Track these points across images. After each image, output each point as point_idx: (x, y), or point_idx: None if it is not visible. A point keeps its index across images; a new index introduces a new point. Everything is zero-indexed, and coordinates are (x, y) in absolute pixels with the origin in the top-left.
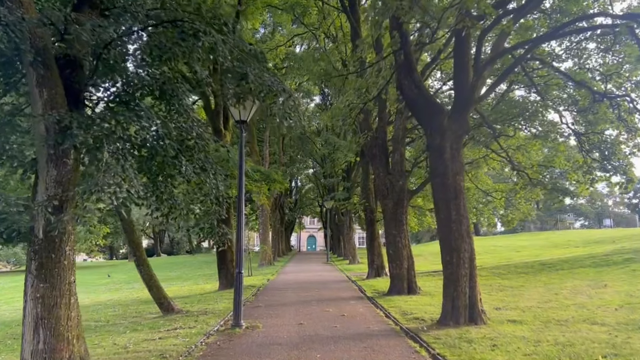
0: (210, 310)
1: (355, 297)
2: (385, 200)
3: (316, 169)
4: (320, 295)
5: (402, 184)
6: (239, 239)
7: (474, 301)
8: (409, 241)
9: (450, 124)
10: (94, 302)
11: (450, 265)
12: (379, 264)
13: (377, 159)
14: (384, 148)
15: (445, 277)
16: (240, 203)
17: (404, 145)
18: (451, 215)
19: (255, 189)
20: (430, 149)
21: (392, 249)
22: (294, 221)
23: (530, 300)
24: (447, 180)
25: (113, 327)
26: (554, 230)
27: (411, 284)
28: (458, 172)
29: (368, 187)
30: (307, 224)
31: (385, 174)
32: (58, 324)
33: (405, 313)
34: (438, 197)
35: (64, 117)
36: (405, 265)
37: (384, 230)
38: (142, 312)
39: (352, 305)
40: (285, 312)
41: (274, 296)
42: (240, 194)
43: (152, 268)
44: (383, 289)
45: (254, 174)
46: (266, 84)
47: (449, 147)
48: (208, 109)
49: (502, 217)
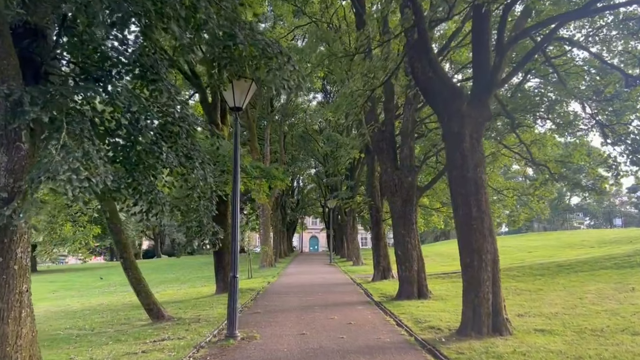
0: (204, 317)
1: (361, 301)
2: (393, 197)
3: (318, 169)
4: (324, 300)
5: (412, 180)
6: (234, 239)
7: (498, 308)
8: (418, 241)
9: (469, 110)
10: (84, 306)
11: (471, 268)
12: (385, 266)
13: (384, 153)
14: (392, 142)
15: (466, 281)
16: (235, 199)
17: (413, 138)
18: (471, 212)
19: (255, 186)
20: (447, 138)
21: (400, 249)
22: (296, 221)
23: (553, 306)
24: (466, 173)
25: (96, 337)
26: (562, 230)
27: (422, 288)
28: (478, 163)
29: (373, 185)
30: (310, 225)
31: (394, 169)
32: (4, 343)
33: (418, 321)
34: (456, 192)
35: (14, 91)
36: (415, 267)
37: (392, 230)
38: (131, 318)
39: (359, 312)
40: (285, 320)
41: (274, 301)
42: (235, 189)
43: (150, 270)
44: (391, 292)
45: (252, 171)
46: (259, 45)
47: (468, 136)
48: (205, 103)
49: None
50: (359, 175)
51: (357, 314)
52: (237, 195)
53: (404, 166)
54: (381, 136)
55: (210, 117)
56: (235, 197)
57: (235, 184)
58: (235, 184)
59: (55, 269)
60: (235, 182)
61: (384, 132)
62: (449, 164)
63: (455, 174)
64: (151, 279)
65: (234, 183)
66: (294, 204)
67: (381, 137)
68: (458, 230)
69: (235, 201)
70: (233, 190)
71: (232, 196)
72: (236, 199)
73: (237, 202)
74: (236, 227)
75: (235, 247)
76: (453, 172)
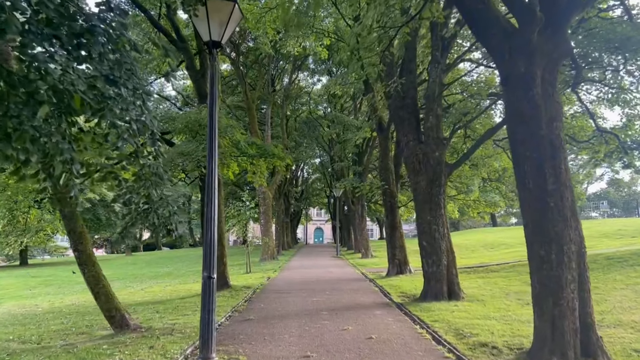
0: (180, 326)
1: (379, 303)
2: (416, 177)
3: (323, 158)
4: (333, 302)
5: (439, 155)
6: (207, 229)
7: (588, 322)
8: (448, 230)
9: (541, 42)
10: (52, 307)
11: (547, 263)
12: (402, 259)
13: (405, 123)
14: (414, 109)
15: (539, 283)
16: (210, 177)
17: (441, 105)
18: (546, 185)
19: (251, 167)
20: (509, 83)
21: (426, 240)
22: (300, 212)
23: (629, 311)
24: (537, 130)
25: (34, 354)
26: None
27: (453, 287)
28: (554, 116)
29: (387, 167)
30: (314, 216)
31: (417, 142)
32: None
33: (461, 334)
34: (522, 156)
35: None
36: (445, 261)
37: (416, 217)
38: (94, 326)
39: (378, 318)
40: (284, 331)
41: (273, 302)
42: (210, 160)
43: (144, 263)
44: (412, 291)
45: (247, 148)
46: None
47: (540, 78)
48: (192, 70)
49: None
50: (367, 160)
51: (377, 322)
52: (213, 172)
53: (429, 138)
54: (401, 103)
55: (198, 86)
56: (212, 174)
57: (211, 155)
58: (211, 154)
59: (48, 262)
60: (211, 152)
61: (404, 98)
62: (511, 118)
63: (521, 132)
64: (143, 273)
65: (209, 153)
66: (298, 194)
67: (401, 104)
68: (525, 211)
69: (210, 179)
70: (208, 161)
71: (208, 172)
72: (212, 176)
73: (213, 179)
74: (212, 213)
75: (210, 239)
76: (517, 130)
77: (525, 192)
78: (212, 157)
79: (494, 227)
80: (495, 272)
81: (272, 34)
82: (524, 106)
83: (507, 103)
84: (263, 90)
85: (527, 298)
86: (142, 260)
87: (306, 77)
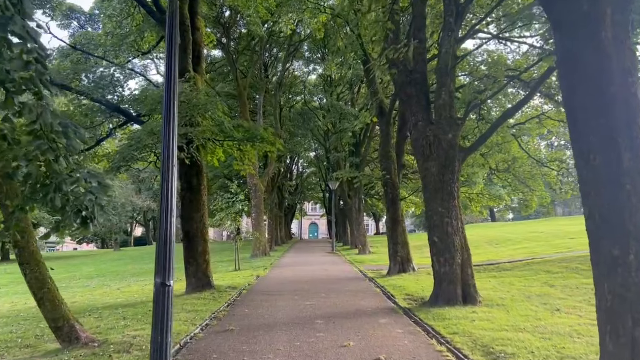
0: (142, 340)
1: (383, 309)
2: (426, 162)
3: (318, 151)
4: (330, 306)
5: (452, 137)
6: (164, 221)
7: None
8: (462, 223)
9: None
10: (12, 309)
11: (623, 266)
12: (404, 256)
13: (413, 101)
14: (424, 85)
15: (611, 293)
16: (168, 149)
17: (454, 80)
18: (620, 160)
19: (238, 154)
20: (563, 26)
21: (437, 234)
22: (294, 206)
23: None
24: (607, 86)
25: None
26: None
27: (468, 289)
28: (629, 68)
29: (388, 155)
30: (309, 211)
31: (427, 123)
32: None
33: (492, 352)
34: (583, 122)
35: None
36: (459, 259)
37: (425, 208)
38: (46, 335)
39: (384, 329)
40: (269, 349)
41: (259, 307)
42: (168, 130)
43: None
44: (419, 292)
45: (232, 131)
46: None
47: (609, 19)
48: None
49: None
50: (365, 151)
51: (384, 334)
52: (172, 144)
53: (441, 118)
54: (408, 78)
55: (179, 62)
56: (169, 151)
57: (168, 122)
58: (169, 121)
59: None
60: (169, 118)
61: (412, 72)
62: (568, 74)
63: (583, 91)
64: (126, 269)
65: (167, 122)
66: (292, 188)
67: (408, 80)
68: (588, 197)
69: (169, 156)
70: (164, 135)
71: (164, 148)
72: (170, 153)
73: (172, 154)
74: (169, 202)
75: (166, 235)
76: (577, 88)
77: (588, 172)
78: (169, 128)
79: (493, 222)
80: (508, 271)
81: (264, 13)
82: (588, 55)
83: (562, 54)
84: (255, 77)
85: (554, 302)
86: (128, 255)
87: (301, 66)
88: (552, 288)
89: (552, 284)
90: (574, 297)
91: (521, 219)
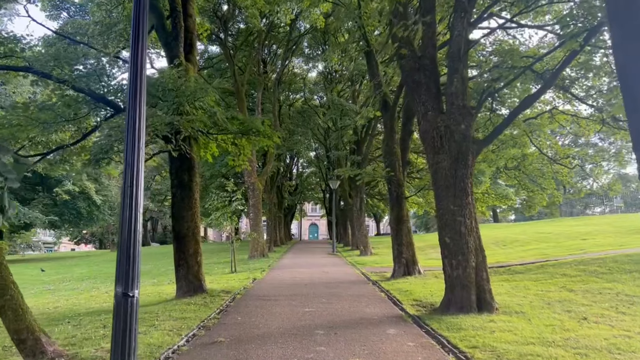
0: None
1: (390, 317)
2: (437, 156)
3: (318, 151)
4: (331, 314)
5: (466, 128)
6: (127, 221)
7: None
8: (476, 222)
9: None
10: None
11: None
12: (409, 258)
13: (422, 89)
14: (434, 72)
15: None
16: (134, 121)
17: (467, 65)
18: None
19: (232, 148)
20: None
21: (449, 235)
22: (294, 207)
23: None
24: None
25: None
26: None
27: (483, 294)
28: None
29: (393, 151)
30: (309, 212)
31: (437, 113)
32: None
33: None
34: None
35: None
36: (473, 262)
37: (436, 206)
38: (11, 347)
39: (393, 342)
40: None
41: (254, 314)
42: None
43: None
44: (428, 298)
45: (226, 122)
46: None
47: None
48: (162, 31)
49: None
50: (367, 150)
51: (394, 348)
52: (140, 116)
53: (453, 107)
54: (417, 64)
55: (169, 50)
56: (139, 119)
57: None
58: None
59: (29, 257)
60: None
61: (421, 58)
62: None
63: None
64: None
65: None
66: (292, 188)
67: (417, 66)
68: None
69: (135, 142)
70: (129, 109)
71: (127, 130)
72: (139, 121)
73: (140, 128)
74: (134, 198)
75: (130, 236)
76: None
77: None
78: (136, 102)
79: (496, 222)
80: (521, 274)
81: (262, 4)
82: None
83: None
84: (253, 73)
85: (578, 309)
86: None
87: (300, 64)
88: (572, 293)
89: (571, 289)
90: (598, 303)
91: (523, 220)
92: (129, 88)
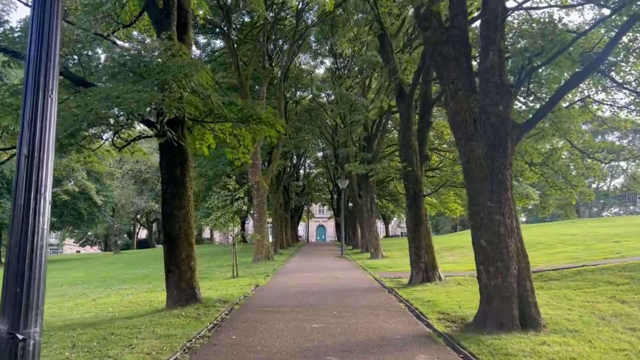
0: None
1: (415, 335)
2: (469, 142)
3: (326, 152)
4: (344, 331)
5: (504, 109)
6: (18, 230)
7: None
8: (517, 221)
9: None
10: None
11: None
12: (428, 262)
13: (451, 65)
14: (464, 44)
15: None
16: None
17: (504, 37)
18: None
19: (230, 139)
20: None
21: (485, 236)
22: (301, 208)
23: None
24: None
25: None
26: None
27: (527, 308)
28: None
29: (410, 144)
30: (317, 213)
31: (469, 92)
32: None
33: None
34: None
35: None
36: (514, 269)
37: (469, 202)
38: None
39: None
40: None
41: (251, 332)
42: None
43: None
44: (455, 309)
45: (221, 108)
46: None
47: None
48: (153, 9)
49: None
50: (378, 146)
51: None
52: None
53: (489, 85)
54: (444, 35)
55: (160, 28)
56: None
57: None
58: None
59: None
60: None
61: (448, 29)
62: None
63: None
64: (115, 275)
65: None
66: (299, 189)
67: (444, 38)
68: None
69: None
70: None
71: (25, 92)
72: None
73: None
74: (40, 191)
75: (32, 247)
76: None
77: None
78: (52, 43)
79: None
80: (557, 281)
81: None
82: None
83: None
84: (258, 67)
85: None
86: (123, 259)
87: (307, 59)
88: (625, 305)
89: (622, 299)
90: None
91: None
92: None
